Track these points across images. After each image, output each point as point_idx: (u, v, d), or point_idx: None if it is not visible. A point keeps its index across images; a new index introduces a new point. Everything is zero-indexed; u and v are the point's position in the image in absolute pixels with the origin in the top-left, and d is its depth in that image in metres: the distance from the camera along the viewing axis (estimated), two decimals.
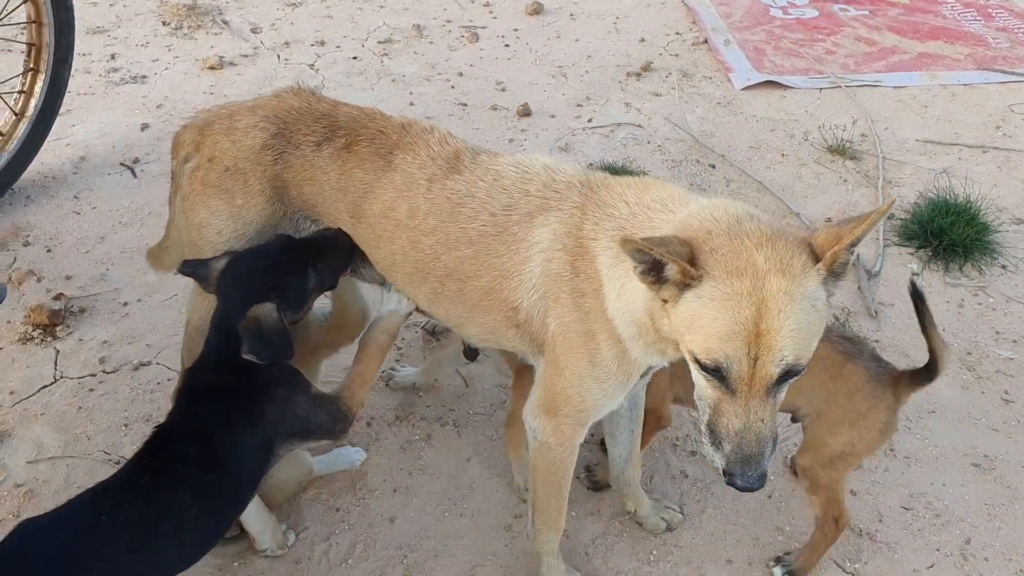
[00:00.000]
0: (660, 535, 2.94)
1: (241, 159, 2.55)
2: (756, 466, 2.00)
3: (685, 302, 1.95)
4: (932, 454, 3.27)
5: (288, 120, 2.57)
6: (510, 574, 2.82)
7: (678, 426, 3.32)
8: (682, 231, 2.03)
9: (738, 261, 1.92)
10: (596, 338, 2.27)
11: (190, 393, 2.41)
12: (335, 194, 2.53)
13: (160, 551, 2.18)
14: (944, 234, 4.18)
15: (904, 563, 2.91)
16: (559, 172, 2.41)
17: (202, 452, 2.27)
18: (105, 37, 5.73)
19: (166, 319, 3.65)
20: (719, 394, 2.00)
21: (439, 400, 3.40)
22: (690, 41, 6.03)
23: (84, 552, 2.04)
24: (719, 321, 1.91)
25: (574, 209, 2.30)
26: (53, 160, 4.54)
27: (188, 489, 2.22)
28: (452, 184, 2.43)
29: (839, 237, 1.95)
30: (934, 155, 4.93)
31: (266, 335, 2.26)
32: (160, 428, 2.36)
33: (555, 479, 2.53)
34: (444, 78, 5.52)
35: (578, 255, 2.25)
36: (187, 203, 2.63)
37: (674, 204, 2.19)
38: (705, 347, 1.94)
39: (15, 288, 3.76)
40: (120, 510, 2.14)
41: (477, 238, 2.38)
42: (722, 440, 2.01)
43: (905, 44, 6.05)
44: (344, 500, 3.02)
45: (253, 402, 2.35)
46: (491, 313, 2.43)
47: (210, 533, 2.34)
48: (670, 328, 2.04)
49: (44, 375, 3.41)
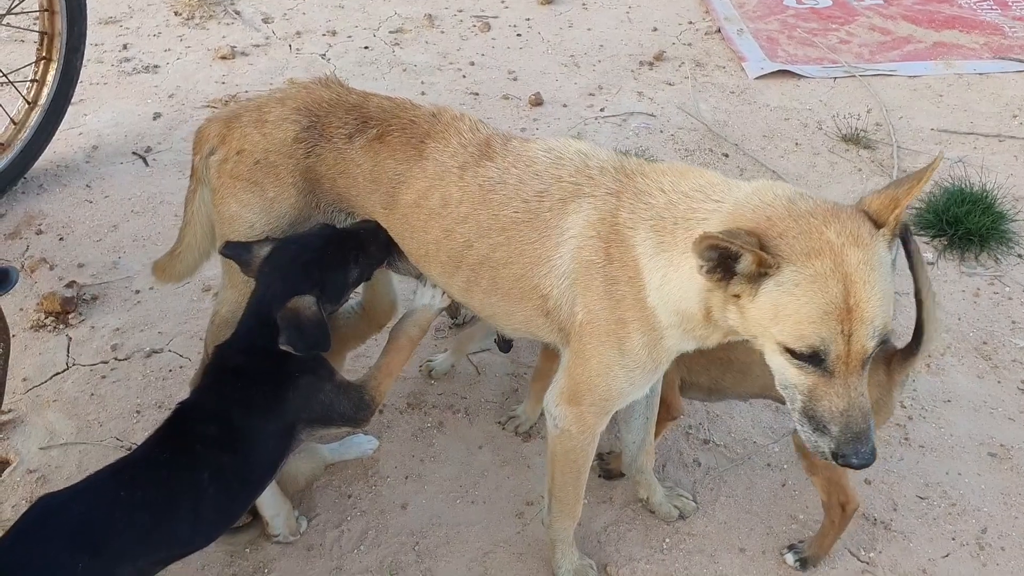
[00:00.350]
0: (673, 523, 2.93)
1: (272, 152, 2.53)
2: (867, 441, 1.99)
3: (765, 293, 1.92)
4: (947, 443, 3.24)
5: (319, 112, 2.55)
6: (522, 561, 2.81)
7: (690, 414, 3.30)
8: (738, 220, 1.99)
9: (811, 241, 1.90)
10: (627, 326, 2.24)
11: (216, 372, 2.42)
12: (369, 186, 2.52)
13: (176, 528, 2.19)
14: (960, 223, 4.14)
15: (919, 552, 2.89)
16: (592, 157, 2.38)
17: (222, 432, 2.29)
18: (117, 27, 5.73)
19: (178, 307, 3.65)
20: (814, 379, 1.97)
21: (450, 388, 3.39)
22: (703, 30, 6.00)
23: (102, 526, 2.07)
24: (809, 305, 1.88)
25: (608, 196, 2.27)
26: (66, 149, 4.55)
27: (206, 468, 2.24)
28: (484, 171, 2.41)
29: (896, 200, 1.97)
30: (949, 144, 4.89)
31: (305, 327, 2.27)
32: (182, 405, 2.36)
33: (574, 467, 2.52)
34: (456, 68, 5.50)
35: (612, 242, 2.22)
36: (216, 196, 2.62)
37: (715, 191, 2.15)
38: (797, 334, 1.91)
39: (28, 276, 3.77)
40: (138, 486, 2.16)
41: (509, 225, 2.36)
42: (827, 424, 1.99)
43: (920, 33, 6.00)
44: (356, 487, 3.02)
45: (277, 387, 2.36)
46: (523, 301, 2.41)
47: (226, 513, 2.35)
48: (743, 323, 2.00)
49: (57, 362, 3.41)
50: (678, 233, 2.12)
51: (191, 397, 2.43)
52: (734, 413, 3.32)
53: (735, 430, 3.27)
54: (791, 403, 2.07)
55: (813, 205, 1.99)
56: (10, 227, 4.05)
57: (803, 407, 2.03)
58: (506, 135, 2.53)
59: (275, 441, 2.36)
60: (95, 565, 2.02)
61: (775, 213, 1.98)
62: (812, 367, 1.96)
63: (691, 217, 2.12)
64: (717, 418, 3.30)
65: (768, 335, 1.98)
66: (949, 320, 3.72)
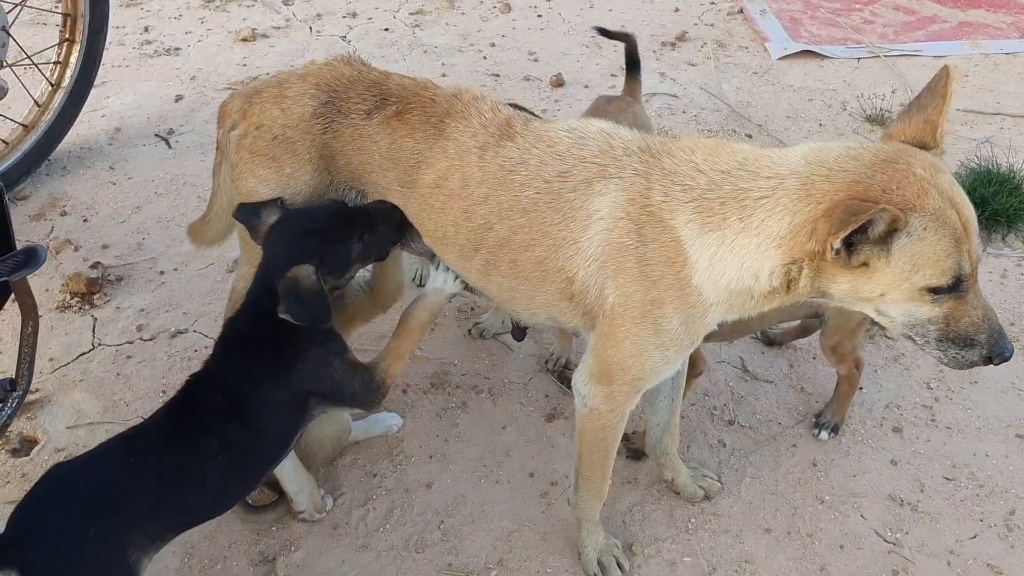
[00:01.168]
0: (698, 503, 2.92)
1: (290, 127, 2.52)
2: (1005, 334, 2.13)
3: (899, 249, 1.96)
4: (974, 424, 3.22)
5: (338, 88, 2.53)
6: (547, 540, 2.81)
7: (715, 395, 3.29)
8: (817, 192, 2.01)
9: (912, 185, 1.96)
10: (664, 307, 2.22)
11: (226, 343, 2.43)
12: (385, 163, 2.50)
13: (186, 496, 2.21)
14: (987, 204, 4.10)
15: (946, 533, 2.87)
16: (615, 137, 2.34)
17: (230, 402, 2.30)
18: (138, 10, 5.75)
19: (202, 287, 3.67)
20: (950, 304, 2.06)
21: (474, 368, 3.39)
22: (725, 11, 5.95)
23: (112, 493, 2.09)
24: (943, 241, 1.96)
25: (636, 176, 2.24)
26: (89, 131, 4.56)
27: (215, 437, 2.25)
28: (504, 151, 2.38)
29: (934, 123, 2.11)
30: (976, 125, 4.84)
31: (303, 297, 2.26)
32: (194, 376, 2.38)
33: (603, 445, 2.51)
34: (476, 49, 5.48)
35: (645, 223, 2.20)
36: (235, 171, 2.62)
37: (758, 165, 2.13)
38: (940, 271, 1.98)
39: (53, 257, 3.79)
40: (148, 453, 2.18)
41: (531, 206, 2.33)
42: (973, 336, 2.09)
43: (945, 13, 5.93)
44: (381, 466, 3.02)
45: (285, 357, 2.35)
46: (545, 284, 2.38)
47: (237, 483, 2.37)
48: (860, 287, 2.04)
49: (82, 342, 3.43)
50: (728, 212, 2.11)
51: (202, 368, 2.43)
52: (759, 394, 3.31)
53: (760, 411, 3.25)
54: (923, 338, 2.12)
55: (875, 152, 2.04)
56: (35, 209, 4.07)
57: (941, 335, 2.10)
58: (527, 116, 2.50)
59: (284, 411, 2.37)
60: (105, 530, 2.05)
61: (855, 173, 2.00)
62: (948, 295, 2.03)
63: (743, 197, 2.10)
64: (742, 399, 3.29)
65: (904, 287, 2.02)
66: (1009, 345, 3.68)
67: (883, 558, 2.80)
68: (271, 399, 2.33)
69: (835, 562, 2.78)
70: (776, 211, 2.05)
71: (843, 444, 3.14)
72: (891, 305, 2.07)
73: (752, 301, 2.20)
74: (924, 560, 2.79)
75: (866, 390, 3.34)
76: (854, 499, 2.97)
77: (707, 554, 2.79)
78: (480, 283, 2.55)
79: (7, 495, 2.86)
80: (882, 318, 2.13)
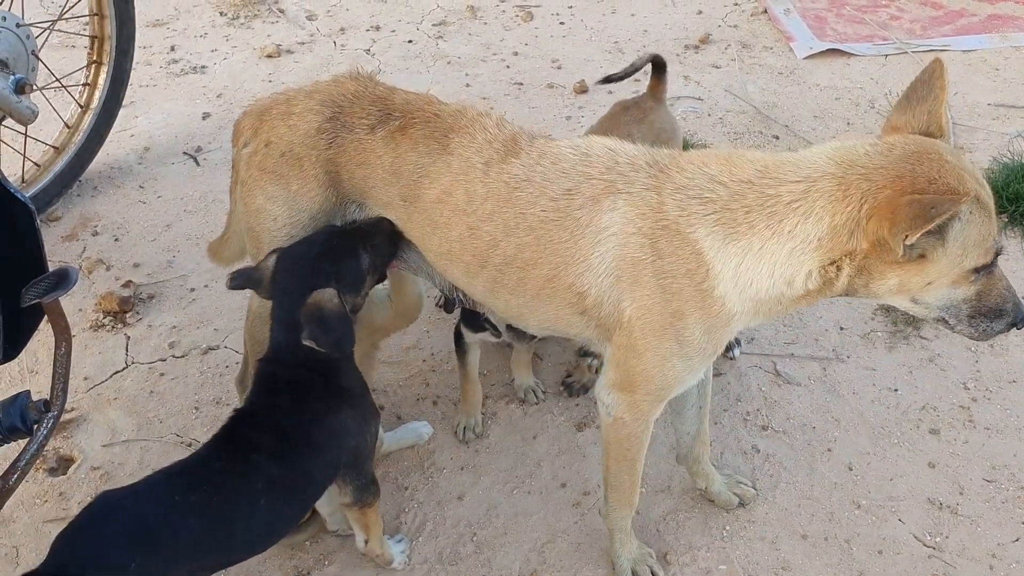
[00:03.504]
0: (733, 510, 2.89)
1: (296, 144, 2.53)
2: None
3: (954, 237, 2.00)
4: (1014, 424, 3.16)
5: (343, 104, 2.55)
6: (581, 550, 2.80)
7: (747, 400, 3.26)
8: (856, 191, 2.02)
9: (949, 172, 1.99)
10: (685, 318, 2.21)
11: (266, 383, 2.42)
12: (388, 178, 2.49)
13: (230, 536, 2.21)
14: (1021, 199, 4.03)
15: (987, 536, 2.82)
16: (620, 153, 2.34)
17: (277, 444, 2.30)
18: (164, 30, 5.80)
19: (232, 304, 3.68)
20: (982, 280, 2.11)
21: (503, 379, 3.38)
22: (749, 12, 5.91)
23: (156, 528, 2.09)
24: (986, 221, 2.03)
25: (646, 191, 2.23)
26: (118, 151, 4.61)
27: (260, 478, 2.25)
28: (509, 168, 2.38)
29: (937, 114, 2.16)
30: (1007, 119, 4.76)
31: (328, 321, 2.25)
32: (238, 413, 2.38)
33: (629, 455, 2.49)
34: (499, 58, 5.48)
35: (660, 237, 2.19)
36: (244, 189, 2.64)
37: (782, 171, 2.13)
38: (985, 250, 2.05)
39: (85, 277, 3.83)
40: (193, 492, 2.17)
41: (537, 224, 2.32)
42: (1001, 306, 2.15)
43: (974, 6, 5.85)
44: (413, 479, 3.02)
45: (331, 400, 2.38)
46: (554, 301, 2.38)
47: (281, 523, 2.37)
48: (912, 280, 2.07)
49: (116, 361, 3.47)
50: (755, 221, 2.11)
51: (246, 404, 2.42)
52: (792, 398, 3.27)
53: (793, 415, 3.22)
54: (955, 318, 2.17)
55: (900, 145, 2.06)
56: (67, 229, 4.12)
57: (973, 311, 2.15)
58: (532, 133, 2.50)
59: (331, 452, 2.38)
60: (148, 565, 2.05)
61: (895, 168, 2.02)
62: (984, 272, 2.09)
63: (772, 203, 2.10)
64: (775, 404, 3.26)
65: (954, 272, 2.06)
66: None
67: (923, 563, 2.76)
68: (317, 443, 2.34)
69: (874, 568, 2.75)
70: (812, 214, 2.05)
71: (879, 447, 3.10)
72: (932, 292, 2.11)
73: (779, 307, 2.21)
74: (965, 564, 2.75)
75: (901, 392, 3.29)
76: (892, 503, 2.93)
77: (743, 561, 2.76)
78: (487, 300, 2.55)
79: (46, 513, 2.90)
80: (916, 307, 2.16)
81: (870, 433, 3.15)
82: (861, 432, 3.16)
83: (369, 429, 2.47)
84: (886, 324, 3.55)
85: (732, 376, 3.36)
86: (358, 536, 2.65)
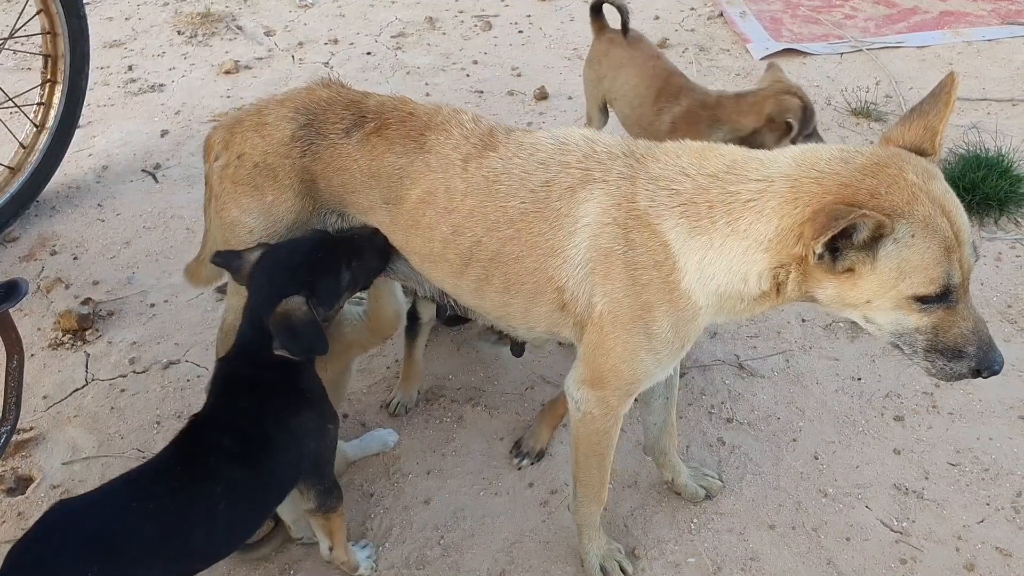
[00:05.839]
0: (700, 503, 2.89)
1: (270, 154, 2.50)
2: (995, 346, 2.06)
3: (885, 256, 1.92)
4: (976, 408, 3.19)
5: (316, 111, 2.52)
6: (549, 548, 2.78)
7: (712, 393, 3.27)
8: (805, 195, 1.97)
9: (903, 190, 1.91)
10: (654, 311, 2.20)
11: (225, 384, 2.39)
12: (367, 181, 2.47)
13: (189, 540, 2.17)
14: (977, 188, 4.08)
15: (953, 519, 2.83)
16: (598, 142, 2.32)
17: (236, 445, 2.26)
18: (122, 50, 5.77)
19: (193, 318, 3.65)
20: (939, 314, 2.00)
21: (469, 382, 3.37)
22: (705, 15, 5.97)
23: (114, 535, 2.05)
24: (931, 248, 1.91)
25: (621, 180, 2.22)
26: (76, 171, 4.57)
27: (219, 481, 2.21)
28: (488, 162, 2.36)
29: (934, 129, 2.06)
30: (962, 112, 4.83)
31: (297, 329, 2.23)
32: (195, 418, 2.35)
33: (599, 449, 2.48)
34: (459, 67, 5.49)
35: (632, 228, 2.18)
36: (218, 203, 2.60)
37: (747, 168, 2.10)
38: (928, 280, 1.93)
39: (44, 296, 3.79)
40: (150, 497, 2.13)
41: (518, 216, 2.30)
42: (962, 348, 2.02)
43: (926, 3, 5.94)
44: (378, 485, 2.99)
45: (290, 400, 2.34)
46: (539, 296, 2.35)
47: (241, 527, 2.33)
48: (846, 294, 2.00)
49: (76, 378, 3.42)
50: (716, 216, 2.09)
51: (202, 411, 2.38)
52: (756, 390, 3.28)
53: (758, 407, 3.22)
54: (910, 347, 2.07)
55: (868, 155, 2.00)
56: (25, 249, 4.07)
57: (929, 345, 2.04)
58: (508, 127, 2.49)
59: (289, 456, 2.35)
60: (106, 574, 2.01)
61: (845, 176, 1.96)
62: (937, 305, 1.98)
63: (731, 200, 2.07)
64: (740, 396, 3.26)
65: (891, 295, 1.97)
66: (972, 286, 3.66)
67: (891, 548, 2.76)
68: (277, 444, 2.31)
69: (842, 555, 2.75)
70: (764, 214, 2.02)
71: (844, 436, 3.11)
72: (878, 312, 2.03)
73: (743, 304, 2.17)
74: (932, 547, 2.76)
75: (865, 381, 3.31)
76: (858, 490, 2.93)
77: (711, 554, 2.76)
78: (474, 302, 2.51)
79: (3, 534, 2.84)
80: (870, 325, 2.08)
81: (835, 422, 3.16)
82: (826, 421, 3.17)
83: (328, 432, 2.44)
84: None
85: (696, 370, 3.36)
86: (322, 543, 2.62)
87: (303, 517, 2.71)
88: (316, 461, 2.43)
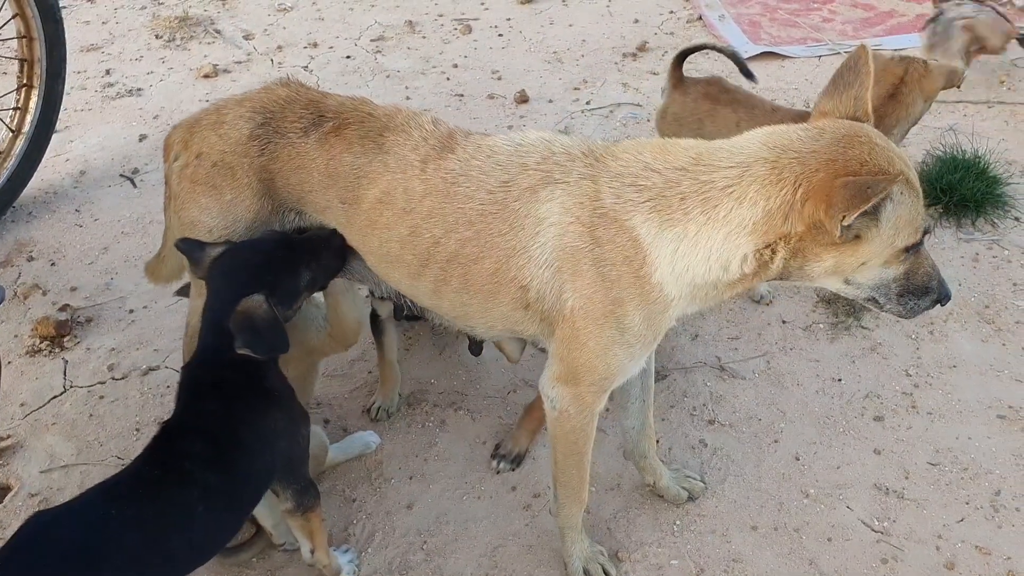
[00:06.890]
0: (682, 505, 2.89)
1: (228, 152, 2.50)
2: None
3: (886, 218, 2.03)
4: (955, 408, 3.21)
5: (275, 110, 2.52)
6: (532, 552, 2.78)
7: (694, 396, 3.27)
8: (790, 174, 2.03)
9: (880, 154, 2.03)
10: (625, 305, 2.21)
11: (192, 389, 2.38)
12: (325, 181, 2.47)
13: (169, 546, 2.15)
14: (954, 190, 4.11)
15: (934, 518, 2.85)
16: (555, 143, 2.34)
17: (208, 449, 2.25)
18: (99, 54, 5.73)
19: (172, 323, 3.63)
20: (911, 259, 2.15)
21: (451, 386, 3.36)
22: (684, 19, 5.99)
23: (95, 544, 2.03)
24: (915, 200, 2.07)
25: (583, 180, 2.24)
26: (53, 176, 4.54)
27: (195, 486, 2.20)
28: (446, 163, 2.37)
29: (863, 99, 2.17)
30: (939, 113, 4.85)
31: (258, 328, 2.22)
32: (166, 424, 2.33)
33: (576, 448, 2.48)
34: (439, 71, 5.49)
35: (597, 225, 2.19)
36: (177, 203, 2.60)
37: (715, 157, 2.14)
38: (915, 229, 2.09)
39: (21, 302, 3.75)
40: (128, 505, 2.12)
41: (477, 218, 2.31)
42: (927, 284, 2.20)
43: (903, 7, 5.98)
44: (360, 490, 2.98)
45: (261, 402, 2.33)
46: (499, 296, 2.36)
47: (219, 531, 2.32)
48: (854, 259, 2.09)
49: (54, 386, 3.39)
50: (690, 207, 2.12)
51: (174, 416, 2.36)
52: (737, 391, 3.29)
53: (739, 409, 3.23)
54: (886, 297, 2.20)
55: (833, 130, 2.09)
56: (1, 256, 4.03)
57: (902, 289, 2.19)
58: (467, 130, 2.50)
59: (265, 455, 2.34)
60: None
61: (827, 151, 2.04)
62: (913, 251, 2.12)
63: (706, 189, 2.11)
64: (721, 398, 3.27)
65: (886, 252, 2.09)
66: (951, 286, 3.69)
67: (872, 547, 2.78)
68: (249, 446, 2.30)
69: (824, 555, 2.76)
70: (746, 198, 2.07)
71: (825, 436, 3.12)
72: (864, 272, 2.13)
73: (716, 292, 2.21)
74: (913, 547, 2.77)
75: (845, 381, 3.33)
76: (839, 491, 2.95)
77: (694, 555, 2.76)
78: (432, 302, 2.52)
79: None
80: (848, 288, 2.19)
81: (816, 423, 3.18)
82: (807, 422, 3.18)
83: (299, 431, 2.43)
84: (827, 316, 3.59)
85: (678, 372, 3.37)
86: (304, 546, 2.60)
87: (282, 521, 2.70)
88: (289, 460, 2.41)
